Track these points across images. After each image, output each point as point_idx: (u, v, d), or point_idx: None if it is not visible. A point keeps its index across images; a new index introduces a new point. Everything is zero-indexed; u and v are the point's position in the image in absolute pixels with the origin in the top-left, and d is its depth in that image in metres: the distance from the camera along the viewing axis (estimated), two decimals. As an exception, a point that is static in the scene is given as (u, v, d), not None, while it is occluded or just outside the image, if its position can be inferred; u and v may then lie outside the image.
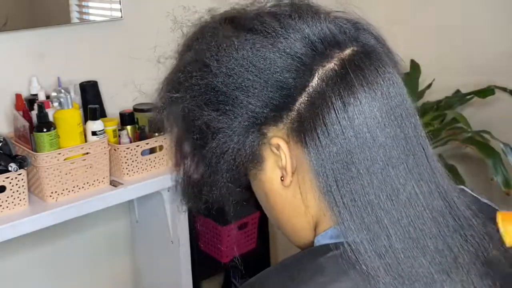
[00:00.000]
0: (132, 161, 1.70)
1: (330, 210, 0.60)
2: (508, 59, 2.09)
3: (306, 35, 0.60)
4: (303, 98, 0.60)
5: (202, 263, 2.09)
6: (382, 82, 0.60)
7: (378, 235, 0.58)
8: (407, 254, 0.58)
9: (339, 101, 0.59)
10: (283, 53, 0.60)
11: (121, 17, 1.92)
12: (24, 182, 1.50)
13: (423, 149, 0.62)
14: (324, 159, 0.60)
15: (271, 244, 2.35)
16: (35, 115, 1.55)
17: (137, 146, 1.70)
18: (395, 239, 0.58)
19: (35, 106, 1.58)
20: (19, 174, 1.48)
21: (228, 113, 0.61)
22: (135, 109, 1.79)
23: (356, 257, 0.58)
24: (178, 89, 0.64)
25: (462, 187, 0.69)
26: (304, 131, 0.60)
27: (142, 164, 1.72)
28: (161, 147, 1.74)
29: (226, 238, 2.12)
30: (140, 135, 1.73)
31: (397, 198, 0.59)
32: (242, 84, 0.60)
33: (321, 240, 0.63)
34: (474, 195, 0.71)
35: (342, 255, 0.58)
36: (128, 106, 1.80)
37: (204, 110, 0.62)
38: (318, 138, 0.59)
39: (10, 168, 1.45)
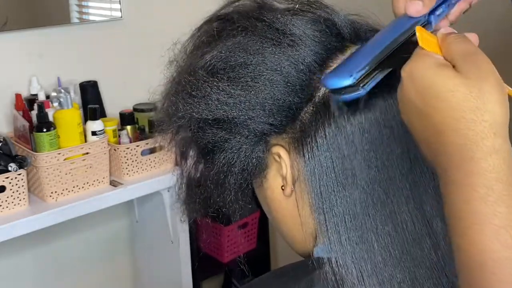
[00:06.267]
0: (132, 161, 1.70)
1: (319, 227, 0.58)
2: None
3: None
4: (308, 108, 0.58)
5: (202, 263, 2.09)
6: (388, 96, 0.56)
7: (364, 260, 0.55)
8: (394, 283, 0.54)
9: (343, 110, 0.56)
10: (278, 73, 0.57)
11: (121, 17, 1.92)
12: (24, 182, 1.50)
13: (428, 170, 0.56)
14: (320, 175, 0.57)
15: (271, 244, 2.35)
16: (35, 115, 1.55)
17: (137, 146, 1.70)
18: (383, 266, 0.54)
19: (35, 106, 1.57)
20: (19, 174, 1.48)
21: (232, 132, 0.60)
22: (135, 109, 1.79)
23: (337, 279, 0.55)
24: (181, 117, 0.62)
25: None
26: (305, 142, 0.58)
27: (142, 164, 1.72)
28: (161, 147, 1.74)
29: (226, 238, 2.12)
30: (140, 135, 1.73)
31: (392, 223, 0.55)
32: (240, 113, 0.58)
33: (319, 252, 0.60)
34: None
35: (327, 274, 0.56)
36: (128, 106, 1.80)
37: (207, 132, 0.61)
38: (318, 149, 0.57)
39: (10, 168, 1.45)
